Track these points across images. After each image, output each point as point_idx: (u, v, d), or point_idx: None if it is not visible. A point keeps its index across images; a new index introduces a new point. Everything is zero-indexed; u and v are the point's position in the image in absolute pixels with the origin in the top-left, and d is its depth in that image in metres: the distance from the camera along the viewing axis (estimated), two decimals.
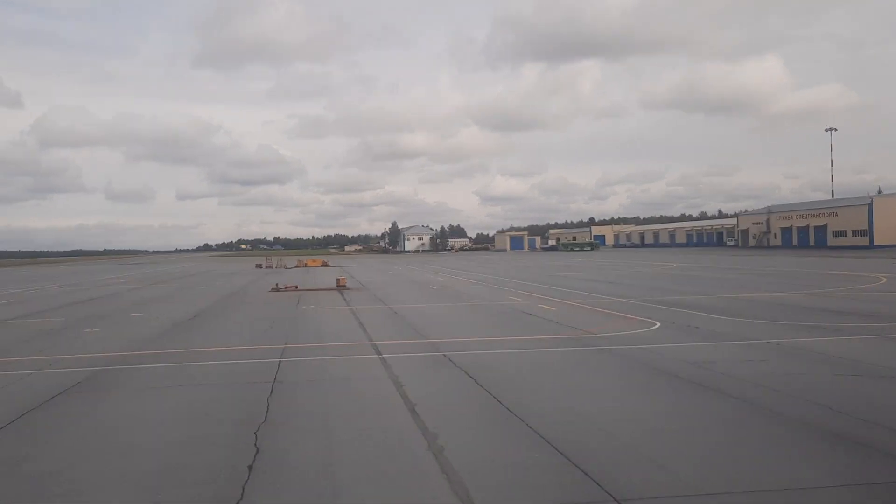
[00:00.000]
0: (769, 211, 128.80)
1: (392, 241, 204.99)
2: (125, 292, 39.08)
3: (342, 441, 8.14)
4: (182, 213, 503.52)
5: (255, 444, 8.01)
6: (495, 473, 6.95)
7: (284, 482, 6.83)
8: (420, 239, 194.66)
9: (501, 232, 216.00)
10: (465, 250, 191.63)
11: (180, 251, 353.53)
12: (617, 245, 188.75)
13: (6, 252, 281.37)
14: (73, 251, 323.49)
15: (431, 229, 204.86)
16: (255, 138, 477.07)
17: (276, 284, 36.77)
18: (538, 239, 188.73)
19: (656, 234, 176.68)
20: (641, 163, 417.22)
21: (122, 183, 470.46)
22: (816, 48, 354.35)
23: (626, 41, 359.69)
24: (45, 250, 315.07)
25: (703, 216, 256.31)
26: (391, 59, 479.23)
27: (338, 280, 36.96)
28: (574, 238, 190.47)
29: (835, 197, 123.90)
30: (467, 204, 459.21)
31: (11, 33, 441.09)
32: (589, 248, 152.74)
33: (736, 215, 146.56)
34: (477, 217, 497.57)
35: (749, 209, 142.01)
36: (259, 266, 78.58)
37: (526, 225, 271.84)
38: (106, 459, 7.70)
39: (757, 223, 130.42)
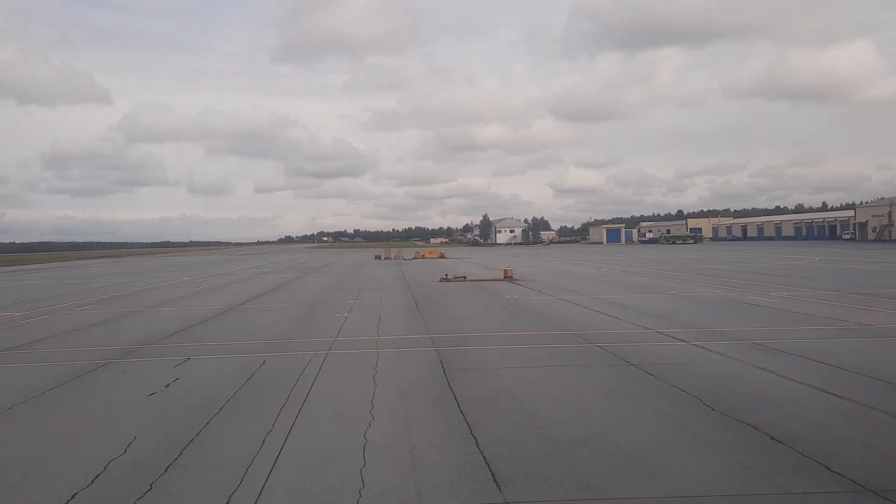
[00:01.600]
0: (892, 203, 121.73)
1: (483, 233, 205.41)
2: (320, 280, 41.06)
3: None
4: (259, 206, 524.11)
5: None
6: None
7: None
8: (511, 231, 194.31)
9: (596, 224, 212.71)
10: (556, 243, 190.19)
11: (262, 243, 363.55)
12: (716, 238, 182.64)
13: (98, 243, 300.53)
14: (161, 242, 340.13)
15: (526, 221, 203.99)
16: (331, 131, 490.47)
17: (446, 275, 37.82)
18: (635, 231, 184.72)
19: (760, 227, 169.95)
20: (722, 153, 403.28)
21: (202, 176, 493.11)
22: None
23: (708, 28, 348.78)
24: (133, 241, 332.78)
25: (802, 208, 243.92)
26: (466, 51, 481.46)
27: (505, 271, 37.62)
28: (668, 230, 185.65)
29: None
30: (540, 196, 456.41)
31: (102, 33, 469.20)
32: (692, 241, 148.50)
33: (853, 207, 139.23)
34: (550, 209, 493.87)
35: (842, 202, 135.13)
36: (378, 257, 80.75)
37: (609, 217, 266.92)
38: None
39: (877, 215, 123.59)
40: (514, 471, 6.92)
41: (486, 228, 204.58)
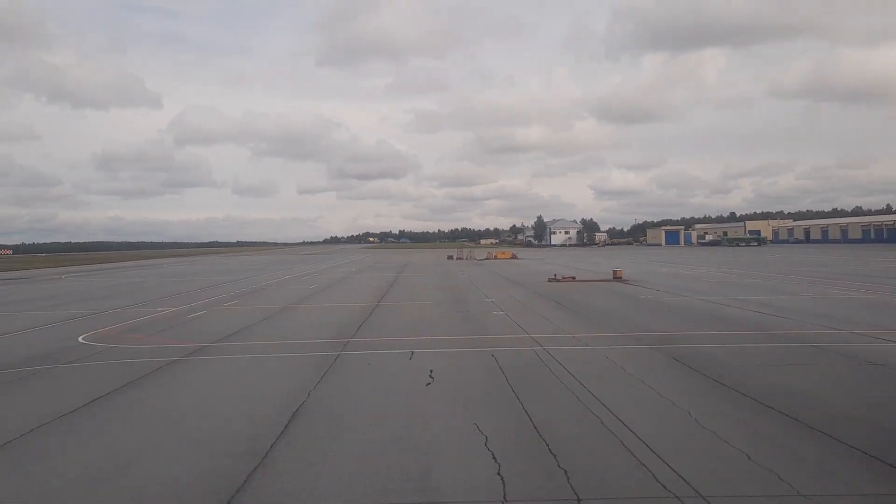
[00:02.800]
0: None
1: (537, 234, 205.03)
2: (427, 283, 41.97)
3: None
4: (302, 207, 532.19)
5: None
6: None
7: None
8: (566, 232, 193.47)
9: (652, 226, 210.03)
10: (609, 244, 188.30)
11: (307, 243, 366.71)
12: (776, 240, 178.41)
13: (150, 243, 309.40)
14: (209, 242, 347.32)
15: (581, 222, 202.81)
16: (373, 133, 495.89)
17: (555, 275, 38.25)
18: (694, 234, 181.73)
19: (824, 230, 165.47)
20: (768, 155, 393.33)
21: (247, 178, 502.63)
22: None
23: (754, 27, 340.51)
24: (182, 241, 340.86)
25: (861, 210, 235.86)
26: (508, 52, 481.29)
27: (614, 272, 37.87)
28: (725, 233, 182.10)
29: None
30: (582, 198, 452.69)
31: (151, 37, 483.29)
32: (755, 244, 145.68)
33: None
34: (592, 211, 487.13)
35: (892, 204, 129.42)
36: (451, 258, 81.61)
37: (656, 220, 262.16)
38: None
39: None
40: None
41: (541, 229, 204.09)
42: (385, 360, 14.15)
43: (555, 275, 38.46)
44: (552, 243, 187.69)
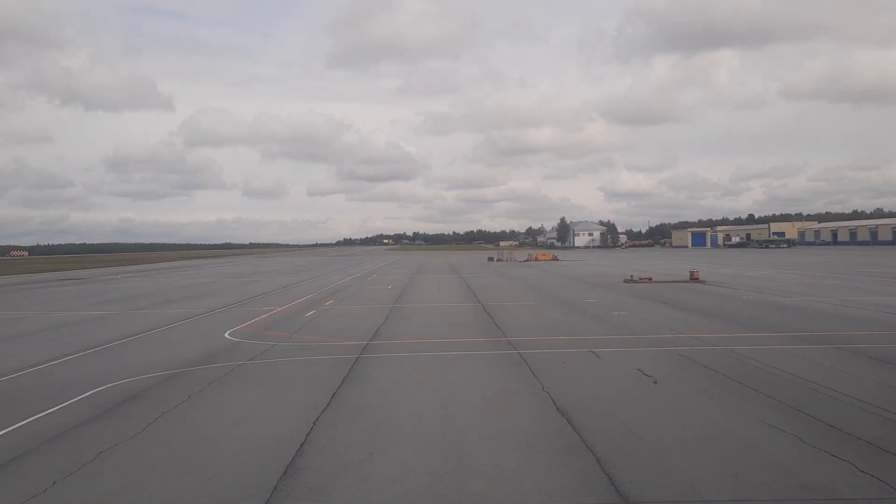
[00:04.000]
0: None
1: (560, 236, 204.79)
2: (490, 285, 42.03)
3: None
4: (312, 209, 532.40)
5: None
6: None
7: None
8: (590, 234, 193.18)
9: (674, 227, 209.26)
10: (632, 246, 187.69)
11: (320, 245, 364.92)
12: (803, 242, 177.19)
13: (164, 244, 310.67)
14: (222, 244, 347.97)
15: (603, 224, 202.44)
16: (383, 135, 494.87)
17: (631, 276, 38.21)
18: (720, 235, 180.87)
19: (853, 231, 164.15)
20: (779, 157, 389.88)
21: (257, 180, 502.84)
22: None
23: (766, 29, 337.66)
24: (194, 243, 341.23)
25: (882, 213, 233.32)
26: (519, 54, 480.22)
27: (691, 273, 37.76)
28: (748, 234, 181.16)
29: None
30: (591, 200, 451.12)
31: (165, 40, 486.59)
32: (785, 245, 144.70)
33: None
34: (601, 213, 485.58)
35: None
36: (491, 259, 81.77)
37: (668, 222, 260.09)
38: None
39: None
40: None
41: (563, 231, 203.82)
42: (571, 359, 14.17)
43: (630, 276, 38.42)
44: (575, 245, 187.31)
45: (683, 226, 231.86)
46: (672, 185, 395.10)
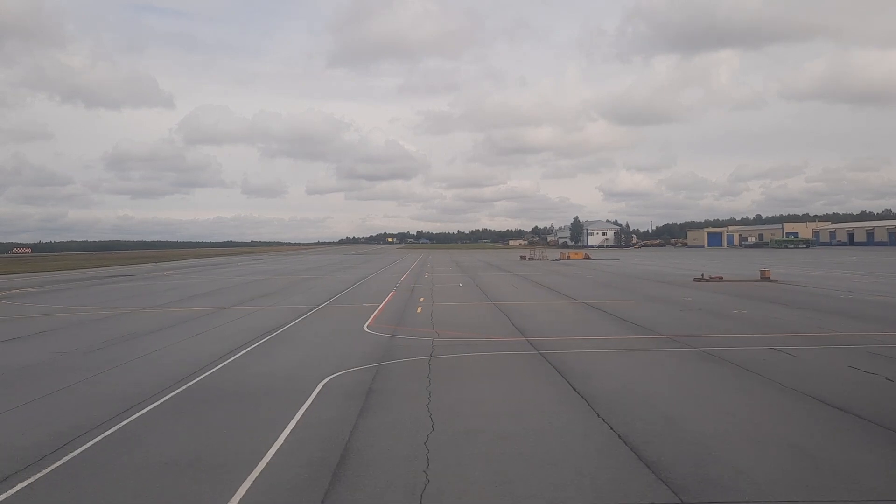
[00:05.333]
0: None
1: (573, 235, 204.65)
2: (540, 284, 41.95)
3: None
4: (311, 207, 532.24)
5: None
6: None
7: None
8: (604, 234, 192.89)
9: (695, 227, 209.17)
10: (644, 246, 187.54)
11: (322, 244, 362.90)
12: (819, 243, 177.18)
13: (162, 242, 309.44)
14: (224, 242, 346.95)
15: (617, 224, 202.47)
16: (383, 134, 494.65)
17: (702, 275, 38.18)
18: (736, 235, 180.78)
19: (869, 232, 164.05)
20: (779, 157, 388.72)
21: (257, 178, 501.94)
22: None
23: (766, 29, 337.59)
24: (196, 241, 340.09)
25: (892, 214, 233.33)
26: (520, 53, 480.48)
27: (762, 272, 37.74)
28: (761, 235, 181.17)
29: None
30: (590, 199, 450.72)
31: (166, 38, 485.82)
32: (804, 246, 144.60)
33: None
34: (600, 213, 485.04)
35: None
36: (523, 258, 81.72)
37: (668, 221, 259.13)
38: None
39: None
40: None
41: (577, 230, 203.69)
42: (769, 356, 14.11)
43: (702, 275, 38.39)
44: (588, 244, 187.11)
45: (690, 226, 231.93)
46: (671, 185, 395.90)
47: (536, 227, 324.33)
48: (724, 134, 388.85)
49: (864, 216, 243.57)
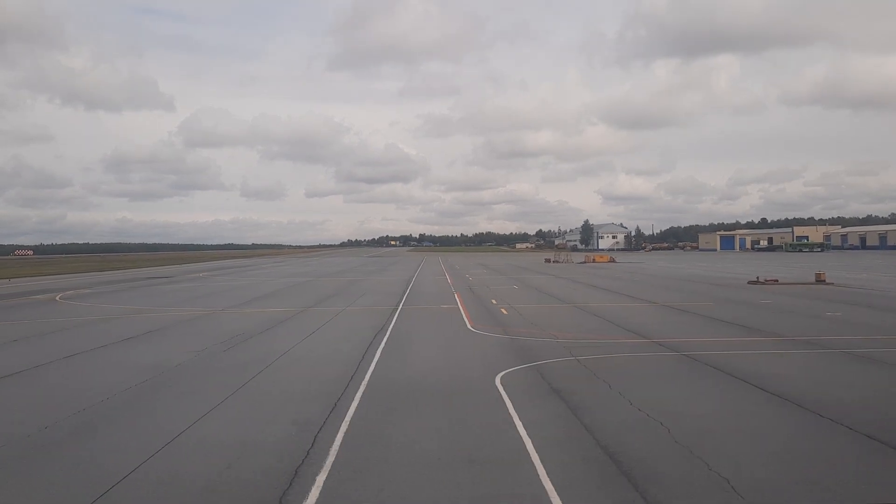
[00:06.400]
0: None
1: (584, 238, 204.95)
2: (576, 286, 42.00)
3: None
4: (309, 210, 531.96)
5: None
6: None
7: None
8: (614, 237, 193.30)
9: (709, 230, 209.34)
10: (653, 250, 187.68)
11: (323, 246, 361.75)
12: (832, 247, 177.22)
13: (164, 244, 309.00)
14: (225, 245, 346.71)
15: (625, 227, 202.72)
16: (383, 137, 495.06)
17: (757, 278, 38.23)
18: (748, 239, 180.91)
19: (882, 236, 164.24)
20: (777, 161, 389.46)
21: (256, 180, 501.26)
22: None
23: (766, 34, 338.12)
24: (196, 243, 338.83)
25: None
26: (521, 57, 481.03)
27: (817, 275, 37.76)
28: (770, 239, 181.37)
29: None
30: (589, 203, 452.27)
31: (167, 40, 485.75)
32: (818, 249, 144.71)
33: None
34: (598, 217, 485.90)
35: None
36: (548, 260, 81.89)
37: (668, 226, 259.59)
38: None
39: None
40: None
41: (587, 234, 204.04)
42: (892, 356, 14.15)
43: (757, 277, 38.45)
44: (599, 248, 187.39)
45: (695, 230, 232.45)
46: (670, 188, 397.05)
47: (541, 230, 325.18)
48: (723, 138, 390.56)
49: (869, 220, 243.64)
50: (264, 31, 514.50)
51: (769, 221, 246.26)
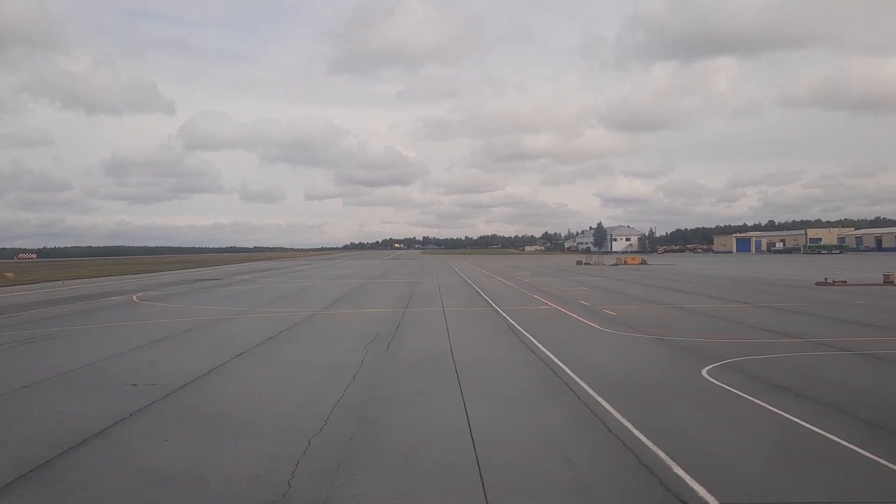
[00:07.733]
0: None
1: (597, 241, 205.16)
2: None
3: None
4: (308, 213, 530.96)
5: None
6: None
7: None
8: (628, 240, 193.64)
9: (716, 232, 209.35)
10: (666, 252, 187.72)
11: (325, 249, 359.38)
12: (850, 249, 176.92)
13: (165, 248, 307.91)
14: (227, 248, 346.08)
15: (632, 229, 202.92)
16: (382, 140, 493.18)
17: (825, 279, 38.29)
18: (764, 241, 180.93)
19: None
20: (776, 164, 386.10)
21: (255, 183, 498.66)
22: None
23: (765, 36, 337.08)
24: (198, 246, 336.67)
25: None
26: (520, 60, 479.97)
27: (885, 276, 37.85)
28: (783, 240, 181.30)
29: None
30: (587, 205, 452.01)
31: (167, 44, 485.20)
32: (837, 251, 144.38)
33: None
34: (597, 219, 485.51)
35: None
36: (580, 263, 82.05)
37: (669, 228, 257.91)
38: None
39: None
40: None
41: (601, 236, 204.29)
42: None
43: (825, 278, 38.52)
44: (613, 250, 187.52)
45: (705, 231, 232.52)
46: (669, 191, 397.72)
47: (547, 232, 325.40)
48: (721, 140, 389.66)
49: (879, 221, 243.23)
50: (264, 35, 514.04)
51: (776, 224, 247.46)
